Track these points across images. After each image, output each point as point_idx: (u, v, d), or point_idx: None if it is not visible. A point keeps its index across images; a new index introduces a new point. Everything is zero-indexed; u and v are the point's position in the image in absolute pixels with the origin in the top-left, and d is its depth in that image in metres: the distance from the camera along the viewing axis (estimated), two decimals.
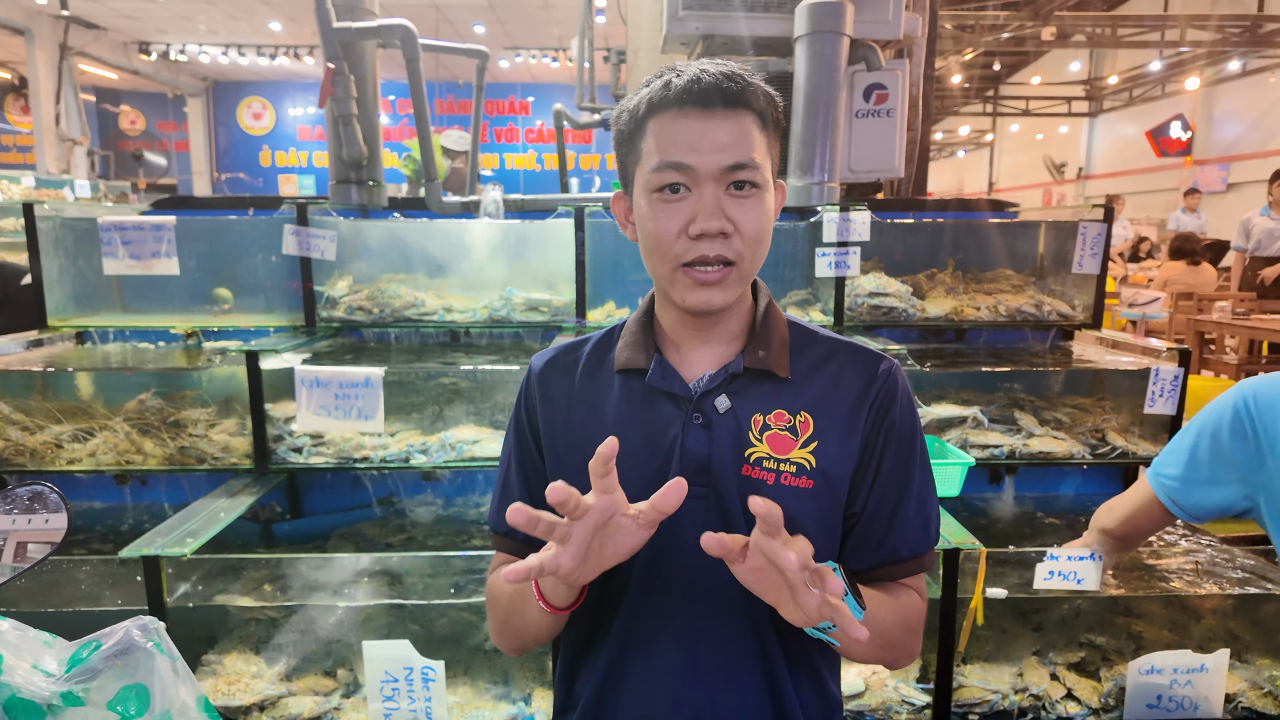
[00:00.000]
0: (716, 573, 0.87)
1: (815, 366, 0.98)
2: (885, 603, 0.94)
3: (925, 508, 0.99)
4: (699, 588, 0.94)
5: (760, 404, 0.95)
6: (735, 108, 0.88)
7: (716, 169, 0.87)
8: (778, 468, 0.93)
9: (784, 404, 0.95)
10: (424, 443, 2.14)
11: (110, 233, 2.37)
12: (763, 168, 0.90)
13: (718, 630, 0.95)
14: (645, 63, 4.05)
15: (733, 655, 0.95)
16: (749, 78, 0.90)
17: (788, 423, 0.95)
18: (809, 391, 0.96)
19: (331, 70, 2.46)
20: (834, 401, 0.96)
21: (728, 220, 0.88)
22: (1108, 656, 1.86)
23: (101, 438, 2.12)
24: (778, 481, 0.93)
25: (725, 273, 0.90)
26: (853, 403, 0.96)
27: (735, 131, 0.88)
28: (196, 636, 1.83)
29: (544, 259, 2.54)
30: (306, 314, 2.45)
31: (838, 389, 0.96)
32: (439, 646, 1.84)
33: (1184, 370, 2.11)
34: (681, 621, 0.95)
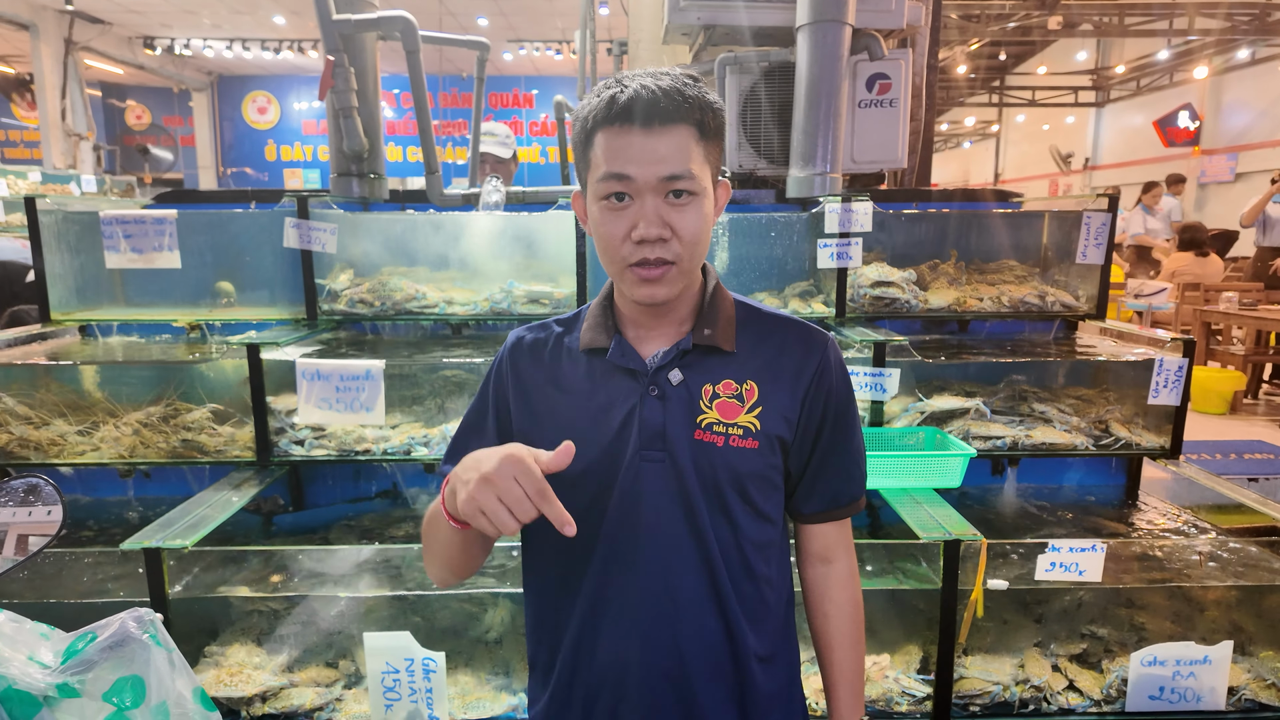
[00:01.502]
0: (675, 524, 1.05)
1: (760, 340, 1.10)
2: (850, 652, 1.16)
3: (859, 461, 1.16)
4: (661, 539, 1.05)
5: (710, 375, 1.07)
6: (672, 123, 0.96)
7: (654, 180, 0.96)
8: (726, 431, 1.05)
9: (731, 374, 1.07)
10: (425, 435, 2.14)
11: (112, 226, 2.38)
12: (699, 176, 0.98)
13: (678, 576, 1.05)
14: (647, 54, 4.03)
15: (693, 598, 1.06)
16: (688, 91, 0.97)
17: (734, 391, 1.06)
18: (754, 362, 1.08)
19: (331, 63, 2.45)
20: (777, 370, 1.08)
21: (666, 226, 0.98)
22: (1109, 648, 1.85)
23: (105, 431, 2.13)
24: (726, 444, 1.05)
25: (665, 270, 1.00)
26: (794, 371, 1.08)
27: (672, 145, 0.96)
28: (199, 628, 1.83)
29: (545, 251, 2.53)
30: (308, 307, 2.45)
31: (780, 359, 1.09)
32: (440, 638, 1.84)
33: (1188, 361, 2.10)
34: (646, 569, 1.05)
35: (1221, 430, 5.54)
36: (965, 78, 15.01)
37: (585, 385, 1.09)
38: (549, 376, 1.11)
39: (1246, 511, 1.97)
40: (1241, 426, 5.76)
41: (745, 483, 1.06)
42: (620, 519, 1.05)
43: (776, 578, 1.12)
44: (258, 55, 13.97)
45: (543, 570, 1.13)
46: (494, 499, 0.85)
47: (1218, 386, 5.97)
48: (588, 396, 1.08)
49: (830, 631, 1.16)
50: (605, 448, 1.05)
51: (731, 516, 1.06)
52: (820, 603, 1.17)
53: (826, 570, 1.17)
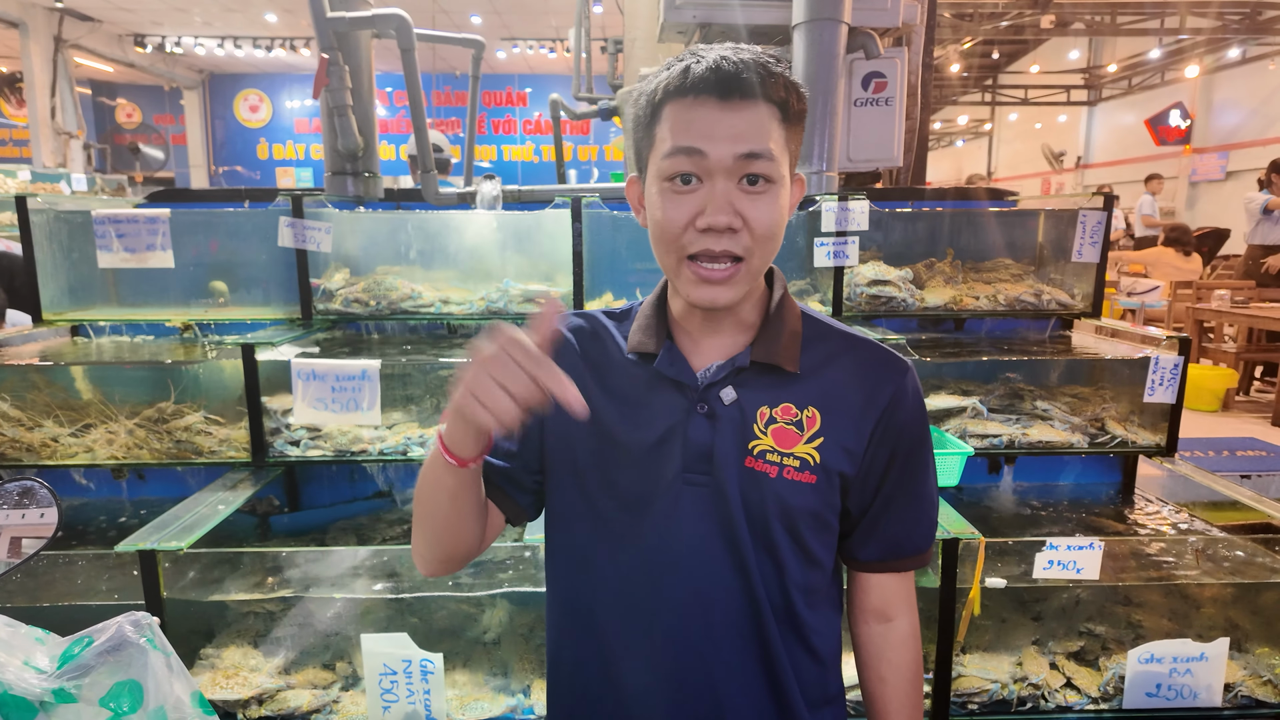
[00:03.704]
0: (717, 557, 0.94)
1: (827, 361, 0.98)
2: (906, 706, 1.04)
3: (929, 507, 1.03)
4: (699, 571, 0.95)
5: (767, 396, 0.96)
6: (753, 98, 0.85)
7: (729, 158, 0.85)
8: (780, 461, 0.94)
9: (792, 398, 0.96)
10: (422, 435, 2.13)
11: (105, 225, 2.36)
12: (779, 161, 0.87)
13: (717, 613, 0.95)
14: (642, 52, 4.02)
15: (733, 639, 0.96)
16: (773, 67, 0.87)
17: (794, 417, 0.95)
18: (818, 386, 0.96)
19: (326, 61, 2.44)
20: (844, 398, 0.96)
21: (737, 215, 0.86)
22: (1107, 645, 1.85)
23: (99, 432, 2.11)
24: (780, 475, 0.94)
25: (733, 270, 0.89)
26: (863, 402, 0.96)
27: (752, 121, 0.85)
28: (194, 630, 1.82)
29: (541, 250, 2.53)
30: (303, 306, 2.44)
31: (848, 386, 0.97)
32: (438, 639, 1.83)
33: (1184, 359, 2.10)
34: (682, 602, 0.95)
35: (1214, 427, 5.57)
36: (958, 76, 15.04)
37: (629, 391, 0.98)
38: (593, 373, 1.00)
39: (1241, 508, 1.98)
40: (1234, 424, 5.79)
41: (796, 520, 0.95)
42: (657, 544, 0.95)
43: (824, 627, 1.01)
44: (249, 53, 13.91)
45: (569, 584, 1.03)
46: (489, 382, 0.75)
47: (1210, 384, 6.00)
48: (631, 404, 0.98)
49: (887, 697, 1.03)
50: (645, 462, 0.95)
51: (777, 555, 0.95)
52: (875, 663, 1.04)
53: (885, 629, 1.03)
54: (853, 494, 0.98)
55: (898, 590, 1.04)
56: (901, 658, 1.03)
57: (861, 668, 1.06)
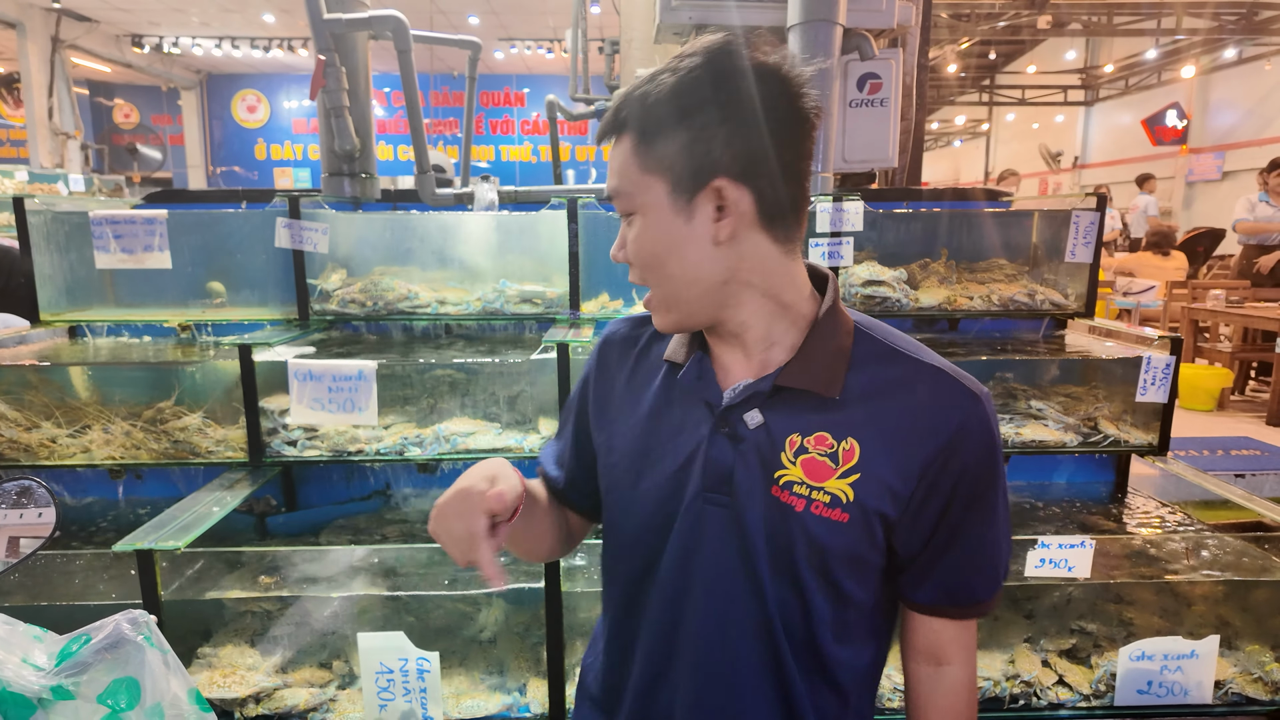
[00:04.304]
0: (735, 584, 0.90)
1: (879, 387, 0.87)
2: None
3: (994, 554, 0.92)
4: (718, 596, 0.91)
5: (800, 423, 0.87)
6: (614, 136, 0.86)
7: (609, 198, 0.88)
8: (809, 495, 0.86)
9: (829, 426, 0.87)
10: (418, 435, 2.14)
11: (102, 226, 2.37)
12: (635, 192, 0.85)
13: (735, 640, 0.92)
14: (639, 53, 4.03)
15: (750, 665, 0.92)
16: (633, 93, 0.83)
17: (830, 448, 0.86)
18: (863, 414, 0.87)
19: (323, 62, 2.44)
20: (892, 430, 0.86)
21: (621, 248, 0.89)
22: (1099, 643, 1.87)
23: (96, 433, 2.12)
24: (807, 509, 0.86)
25: (647, 298, 0.90)
26: (917, 436, 0.85)
27: (615, 160, 0.86)
28: (192, 629, 1.83)
29: (538, 251, 2.54)
30: (300, 307, 2.45)
31: (900, 416, 0.86)
32: (434, 638, 1.84)
33: (1175, 358, 2.12)
34: (702, 626, 0.92)
35: (1209, 427, 5.58)
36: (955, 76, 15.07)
37: (659, 399, 0.95)
38: (629, 380, 1.00)
39: (1233, 507, 1.99)
40: (1228, 423, 5.81)
41: (828, 560, 0.87)
42: (677, 563, 0.93)
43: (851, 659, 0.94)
44: (247, 53, 13.90)
45: (610, 590, 1.04)
46: (442, 533, 0.83)
47: (1205, 383, 6.02)
48: (659, 414, 0.95)
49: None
50: (669, 476, 0.92)
51: (803, 592, 0.89)
52: (924, 709, 0.96)
53: (935, 673, 0.95)
54: (899, 535, 0.89)
55: (954, 637, 0.94)
56: (952, 704, 0.94)
57: (909, 709, 0.99)
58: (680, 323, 0.90)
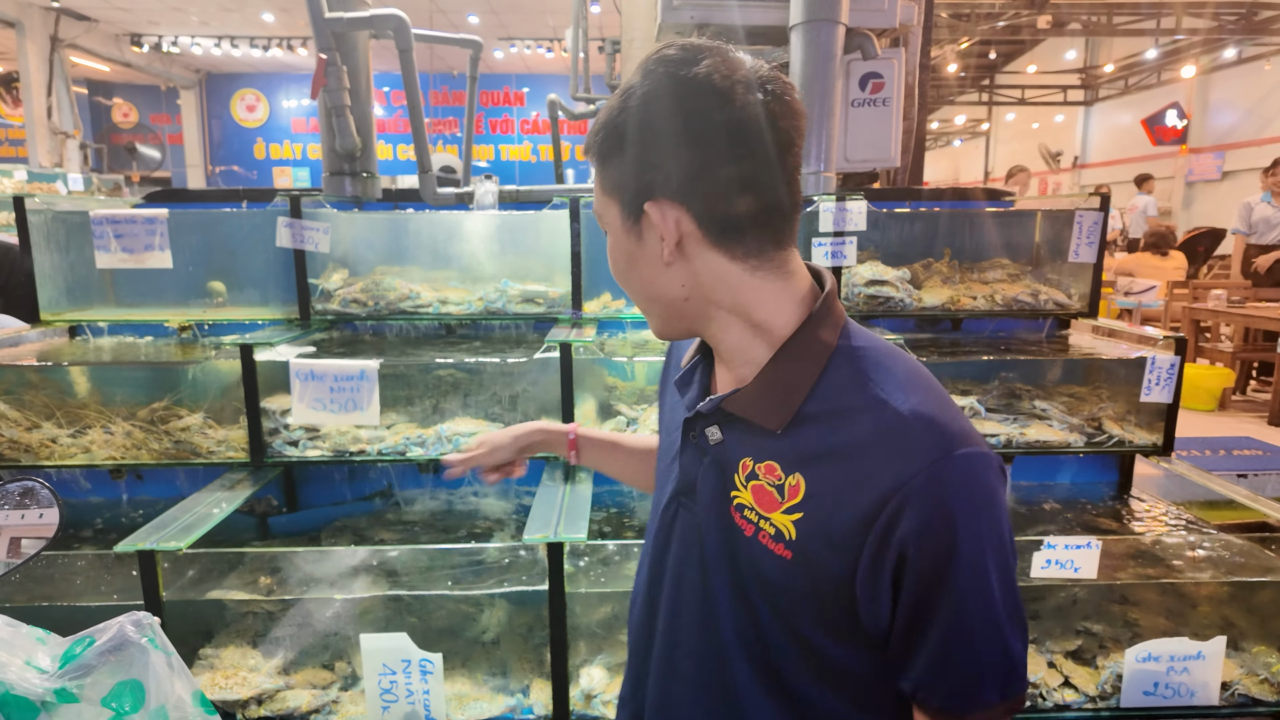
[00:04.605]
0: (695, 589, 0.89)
1: (836, 425, 0.79)
2: None
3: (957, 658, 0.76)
4: (683, 596, 0.90)
5: (753, 448, 0.84)
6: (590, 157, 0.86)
7: None
8: (757, 523, 0.82)
9: (779, 456, 0.81)
10: (420, 435, 2.14)
11: (102, 225, 2.36)
12: (602, 212, 0.87)
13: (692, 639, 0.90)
14: (640, 52, 4.02)
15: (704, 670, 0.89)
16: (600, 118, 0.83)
17: (778, 479, 0.81)
18: (812, 451, 0.79)
19: (324, 61, 2.44)
20: (837, 479, 0.78)
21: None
22: (1104, 644, 1.86)
23: (96, 433, 2.11)
24: (755, 537, 0.82)
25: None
26: (857, 493, 0.76)
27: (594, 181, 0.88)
28: (193, 630, 1.82)
29: (539, 250, 2.53)
30: (301, 307, 2.44)
31: (847, 466, 0.77)
32: (437, 638, 1.83)
33: (1180, 358, 2.11)
34: (670, 621, 0.92)
35: (1211, 427, 5.59)
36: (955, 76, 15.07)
37: (675, 396, 0.98)
38: (674, 371, 1.03)
39: (1237, 507, 1.99)
40: (1230, 423, 5.81)
41: (777, 596, 0.82)
42: (654, 556, 0.95)
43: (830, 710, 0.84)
44: (246, 53, 13.89)
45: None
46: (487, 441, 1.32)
47: (1207, 383, 6.02)
48: (671, 409, 1.00)
49: None
50: (664, 469, 0.96)
51: (758, 619, 0.84)
52: None
53: None
54: (861, 604, 0.78)
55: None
56: None
57: None
58: (662, 331, 0.91)
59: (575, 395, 2.09)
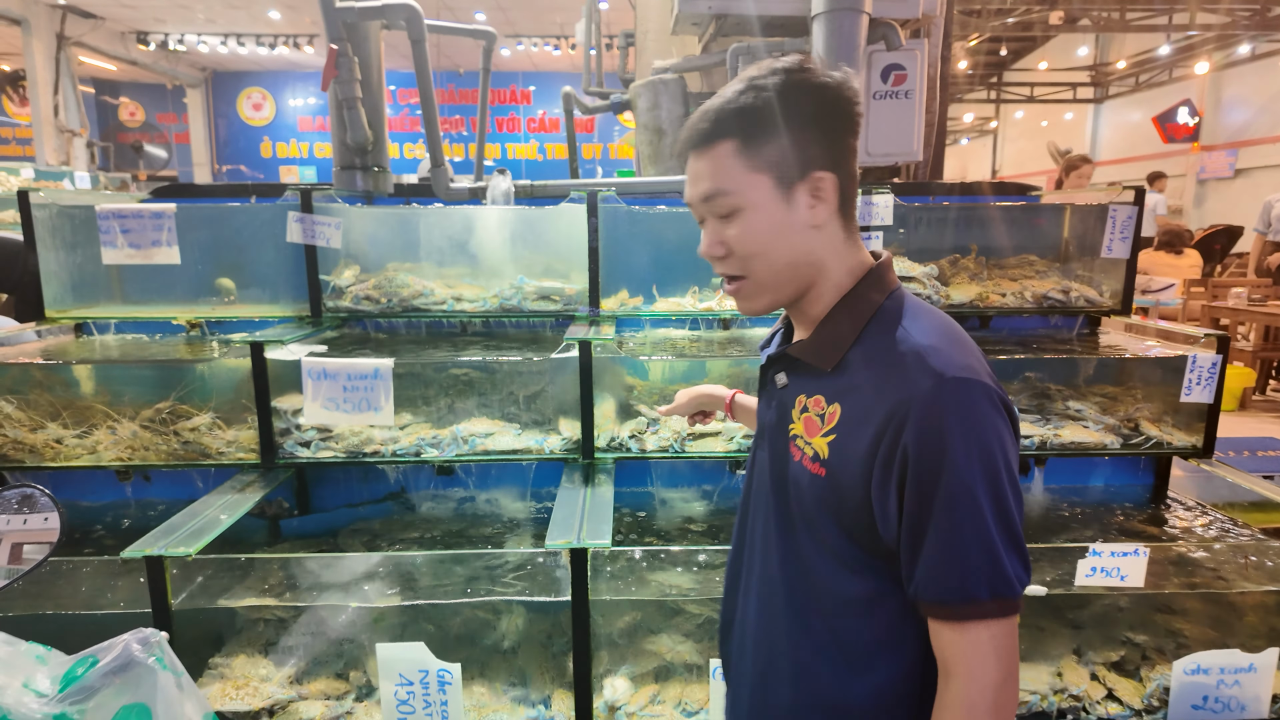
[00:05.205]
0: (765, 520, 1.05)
1: (871, 364, 0.95)
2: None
3: (966, 549, 0.87)
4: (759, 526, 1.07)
5: (806, 386, 1.01)
6: (709, 143, 0.96)
7: (698, 202, 0.99)
8: (803, 448, 0.99)
9: (825, 390, 0.98)
10: (435, 436, 2.07)
11: (109, 221, 2.30)
12: (741, 189, 0.95)
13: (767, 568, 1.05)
14: (655, 45, 3.96)
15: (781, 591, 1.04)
16: (731, 105, 0.95)
17: (821, 409, 0.98)
18: (849, 385, 0.96)
19: (335, 52, 2.37)
20: (864, 403, 0.93)
21: (720, 244, 0.98)
22: (1147, 655, 1.79)
23: (102, 433, 2.05)
24: (800, 460, 0.99)
25: (738, 285, 1.01)
26: (873, 412, 0.91)
27: (709, 166, 0.96)
28: (203, 638, 1.76)
29: (555, 246, 2.46)
30: (312, 304, 2.38)
31: (871, 392, 0.93)
32: (454, 646, 1.78)
33: (1223, 357, 2.04)
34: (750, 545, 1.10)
35: (1231, 427, 5.49)
36: (964, 74, 14.95)
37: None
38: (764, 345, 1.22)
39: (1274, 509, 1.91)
40: (1251, 423, 5.71)
41: (811, 512, 0.98)
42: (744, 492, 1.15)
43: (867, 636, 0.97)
44: (253, 50, 13.85)
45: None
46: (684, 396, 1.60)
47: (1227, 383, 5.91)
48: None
49: None
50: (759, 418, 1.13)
51: (796, 537, 1.00)
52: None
53: (941, 685, 0.92)
54: (877, 510, 0.92)
55: (951, 642, 0.89)
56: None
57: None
58: (771, 304, 1.02)
59: (595, 394, 2.02)
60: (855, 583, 0.96)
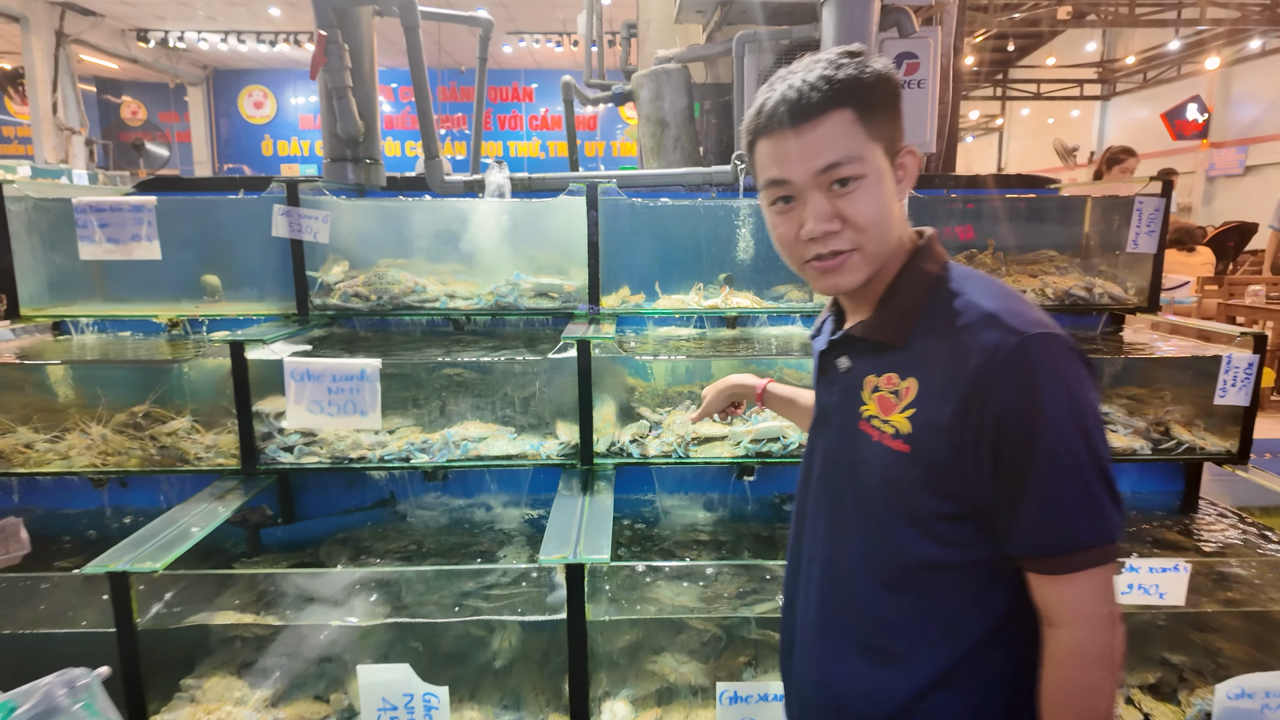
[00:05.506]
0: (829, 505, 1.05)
1: (941, 334, 0.95)
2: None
3: (1055, 504, 0.88)
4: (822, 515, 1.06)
5: (874, 365, 1.00)
6: (822, 114, 0.93)
7: (811, 176, 0.94)
8: (880, 427, 0.97)
9: (896, 367, 0.98)
10: (425, 440, 1.97)
11: (86, 214, 2.20)
12: (865, 158, 0.94)
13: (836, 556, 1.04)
14: (658, 34, 3.85)
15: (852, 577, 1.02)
16: (839, 75, 0.93)
17: (895, 386, 0.97)
18: (922, 357, 0.96)
19: (324, 38, 2.27)
20: (942, 369, 0.93)
21: (834, 218, 0.95)
22: (1185, 677, 1.67)
23: (75, 437, 1.95)
24: (880, 440, 0.97)
25: (845, 258, 0.97)
26: (955, 373, 0.91)
27: (826, 136, 0.93)
28: (173, 659, 1.65)
29: (554, 241, 2.36)
30: (299, 301, 2.27)
31: (948, 357, 0.93)
32: (443, 666, 1.67)
33: (1260, 357, 1.92)
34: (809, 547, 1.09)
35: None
36: (970, 70, 14.81)
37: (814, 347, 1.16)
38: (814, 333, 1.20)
39: None
40: (1269, 424, 5.58)
41: (898, 487, 0.96)
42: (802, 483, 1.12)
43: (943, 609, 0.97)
44: (253, 48, 13.75)
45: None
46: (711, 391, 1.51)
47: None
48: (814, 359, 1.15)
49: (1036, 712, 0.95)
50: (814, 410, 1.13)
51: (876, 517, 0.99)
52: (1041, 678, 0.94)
53: (1047, 635, 0.93)
54: (968, 480, 0.92)
55: (1048, 595, 0.92)
56: (1050, 675, 0.92)
57: None
58: (868, 278, 0.99)
59: (594, 396, 1.91)
60: (946, 551, 0.95)
